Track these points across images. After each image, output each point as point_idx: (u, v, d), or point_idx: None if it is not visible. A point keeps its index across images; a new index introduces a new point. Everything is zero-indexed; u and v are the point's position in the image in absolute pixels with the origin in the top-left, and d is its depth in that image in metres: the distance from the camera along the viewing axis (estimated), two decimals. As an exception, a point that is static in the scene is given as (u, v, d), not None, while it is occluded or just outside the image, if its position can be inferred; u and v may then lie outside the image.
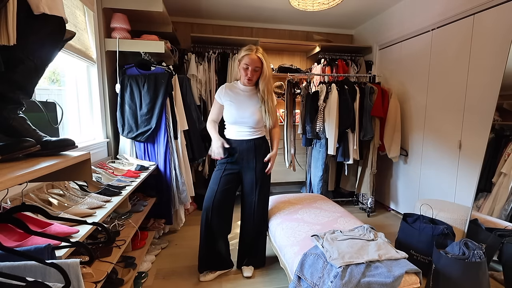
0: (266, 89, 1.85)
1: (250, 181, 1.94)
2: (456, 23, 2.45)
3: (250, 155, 1.90)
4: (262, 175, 1.94)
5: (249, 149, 1.90)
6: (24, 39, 0.72)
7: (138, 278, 1.88)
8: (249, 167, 1.92)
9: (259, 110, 1.87)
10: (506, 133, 1.97)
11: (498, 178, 1.97)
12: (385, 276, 1.34)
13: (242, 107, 1.87)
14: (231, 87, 1.93)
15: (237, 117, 1.87)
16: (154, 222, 2.41)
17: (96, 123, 2.32)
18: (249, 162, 1.91)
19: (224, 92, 1.92)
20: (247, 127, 1.89)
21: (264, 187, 1.97)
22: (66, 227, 1.04)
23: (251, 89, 1.91)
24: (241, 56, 1.82)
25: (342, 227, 1.83)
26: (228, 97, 1.90)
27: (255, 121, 1.87)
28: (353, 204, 3.53)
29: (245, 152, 1.90)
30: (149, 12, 2.45)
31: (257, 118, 1.86)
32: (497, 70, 2.05)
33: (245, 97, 1.89)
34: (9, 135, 0.78)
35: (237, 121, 1.88)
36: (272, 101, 1.91)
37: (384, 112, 3.07)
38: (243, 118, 1.86)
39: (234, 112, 1.87)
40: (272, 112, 1.89)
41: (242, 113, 1.86)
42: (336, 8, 2.51)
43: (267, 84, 1.85)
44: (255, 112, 1.86)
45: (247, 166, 1.92)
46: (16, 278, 0.64)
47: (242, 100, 1.88)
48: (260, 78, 1.85)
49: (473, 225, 1.98)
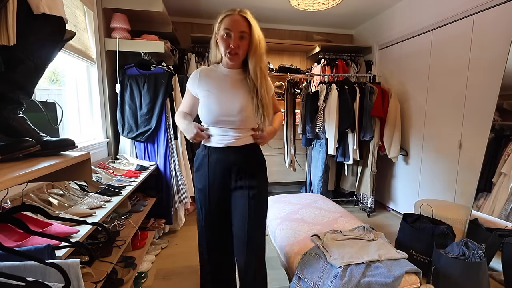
0: (258, 69, 1.25)
1: (241, 210, 1.32)
2: (456, 23, 2.45)
3: (240, 171, 1.31)
4: (257, 201, 1.32)
5: (237, 162, 1.30)
6: (24, 39, 0.72)
7: (138, 278, 1.88)
8: (239, 190, 1.32)
9: (250, 103, 1.27)
10: (506, 133, 1.97)
11: (498, 178, 1.97)
12: (385, 276, 1.34)
13: (226, 99, 1.27)
14: (209, 72, 1.33)
15: (219, 114, 1.26)
16: (154, 222, 2.41)
17: (96, 123, 2.32)
18: (237, 181, 1.31)
19: (198, 78, 1.31)
20: (233, 129, 1.29)
21: (258, 219, 1.35)
22: (66, 227, 1.04)
23: (238, 72, 1.31)
24: (219, 20, 1.23)
25: (342, 227, 1.83)
26: (205, 85, 1.29)
27: (245, 118, 1.26)
28: (353, 204, 3.53)
29: (232, 167, 1.30)
30: (149, 12, 2.45)
31: (248, 115, 1.27)
32: (497, 70, 2.05)
33: (229, 84, 1.29)
34: (9, 135, 0.78)
35: (218, 120, 1.27)
36: (268, 88, 1.31)
37: (384, 112, 3.07)
38: (227, 116, 1.26)
39: (214, 107, 1.26)
40: (267, 106, 1.28)
41: (225, 108, 1.25)
42: (336, 8, 2.51)
43: (259, 61, 1.25)
44: (244, 106, 1.26)
45: (235, 187, 1.32)
46: (16, 278, 0.64)
47: (225, 89, 1.28)
48: (249, 53, 1.24)
49: (473, 225, 1.98)
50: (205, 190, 1.34)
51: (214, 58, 1.35)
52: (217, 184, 1.32)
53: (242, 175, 1.31)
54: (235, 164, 1.30)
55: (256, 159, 1.38)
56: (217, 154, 1.30)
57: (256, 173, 1.35)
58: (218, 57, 1.33)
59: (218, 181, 1.32)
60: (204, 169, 1.33)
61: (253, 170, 1.35)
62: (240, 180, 1.31)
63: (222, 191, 1.33)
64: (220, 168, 1.31)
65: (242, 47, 1.23)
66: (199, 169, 1.36)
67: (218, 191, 1.33)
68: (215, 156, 1.31)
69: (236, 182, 1.32)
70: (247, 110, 1.26)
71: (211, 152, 1.31)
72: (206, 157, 1.33)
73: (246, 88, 1.29)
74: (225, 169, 1.30)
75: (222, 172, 1.31)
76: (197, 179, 1.38)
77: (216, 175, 1.31)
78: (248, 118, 1.27)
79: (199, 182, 1.36)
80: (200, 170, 1.36)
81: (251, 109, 1.27)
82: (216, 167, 1.31)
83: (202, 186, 1.34)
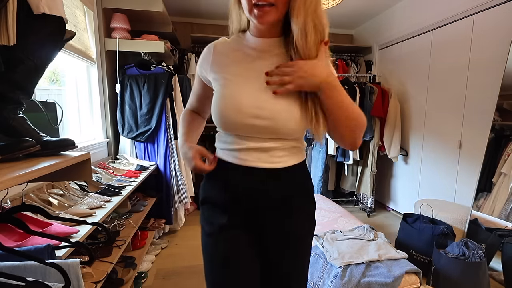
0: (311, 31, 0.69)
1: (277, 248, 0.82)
2: (456, 23, 2.45)
3: (276, 207, 0.79)
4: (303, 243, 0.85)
5: (271, 194, 0.78)
6: (24, 39, 0.72)
7: (138, 278, 1.88)
8: (275, 231, 0.81)
9: (296, 96, 0.73)
10: (506, 133, 1.97)
11: (498, 178, 1.97)
12: (385, 276, 1.34)
13: (259, 84, 0.73)
14: (230, 45, 0.82)
15: (243, 113, 0.72)
16: (154, 222, 2.41)
17: (96, 123, 2.32)
18: (274, 221, 0.80)
19: (212, 56, 0.81)
20: (267, 140, 0.75)
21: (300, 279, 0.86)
22: (66, 227, 1.04)
23: (276, 43, 0.77)
24: None
25: (342, 227, 1.83)
26: (222, 67, 0.79)
27: (284, 124, 0.73)
28: (353, 204, 3.53)
29: (262, 201, 0.78)
30: (149, 12, 2.45)
31: (290, 117, 0.73)
32: (497, 70, 2.05)
33: (261, 64, 0.76)
34: (9, 135, 0.78)
35: (243, 123, 0.73)
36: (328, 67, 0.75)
37: (384, 112, 3.07)
38: (256, 118, 0.72)
39: (237, 97, 0.73)
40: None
41: (254, 104, 0.72)
42: (336, 8, 2.51)
43: (313, 17, 0.69)
44: (290, 103, 0.73)
45: (270, 227, 0.81)
46: (16, 278, 0.64)
47: (258, 68, 0.75)
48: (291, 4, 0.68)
49: (473, 225, 1.98)
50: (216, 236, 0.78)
51: (238, 23, 0.81)
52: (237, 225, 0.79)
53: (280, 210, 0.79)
54: (267, 196, 0.77)
55: (305, 186, 0.85)
56: (239, 179, 0.77)
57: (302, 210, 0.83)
58: (243, 20, 0.80)
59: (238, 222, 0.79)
60: (216, 200, 0.81)
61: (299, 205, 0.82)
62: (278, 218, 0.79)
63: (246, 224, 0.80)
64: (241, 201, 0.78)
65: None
66: (208, 202, 0.83)
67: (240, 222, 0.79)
68: (236, 181, 0.78)
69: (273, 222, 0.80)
70: (290, 110, 0.72)
71: (228, 175, 0.79)
72: (220, 183, 0.80)
73: None
74: (252, 200, 0.78)
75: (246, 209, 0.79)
76: (204, 216, 0.83)
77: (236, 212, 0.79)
78: (290, 123, 0.72)
79: (208, 222, 0.81)
80: (209, 204, 0.82)
81: (297, 107, 0.72)
82: (234, 199, 0.79)
83: (213, 228, 0.79)
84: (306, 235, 0.86)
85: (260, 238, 0.82)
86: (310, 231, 0.87)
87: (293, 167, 0.79)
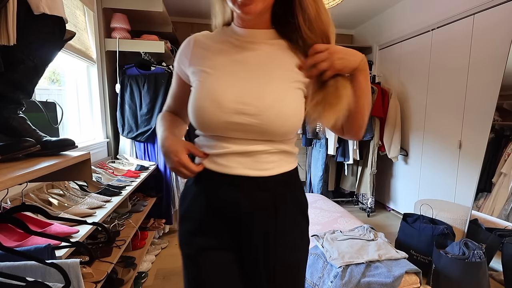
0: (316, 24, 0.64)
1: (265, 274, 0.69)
2: (456, 23, 2.45)
3: (263, 224, 0.68)
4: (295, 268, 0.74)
5: (258, 207, 0.67)
6: (24, 39, 0.72)
7: (138, 278, 1.88)
8: (263, 252, 0.69)
9: (295, 88, 0.66)
10: (506, 133, 1.97)
11: (498, 178, 1.97)
12: (385, 276, 1.34)
13: (244, 77, 0.65)
14: (212, 37, 0.73)
15: (224, 109, 0.63)
16: (154, 222, 2.41)
17: (96, 123, 2.32)
18: (261, 241, 0.68)
19: (192, 47, 0.71)
20: (252, 142, 0.65)
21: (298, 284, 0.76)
22: (66, 227, 1.04)
23: (264, 33, 0.69)
24: None
25: (342, 227, 1.83)
26: (203, 58, 0.69)
27: (282, 117, 0.63)
28: (353, 204, 3.53)
29: (247, 216, 0.67)
30: (149, 12, 2.45)
31: (293, 111, 0.65)
32: (497, 70, 2.05)
33: (249, 54, 0.68)
34: (9, 135, 0.78)
35: (223, 120, 0.63)
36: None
37: (384, 112, 3.07)
38: (240, 114, 0.63)
39: (218, 90, 0.64)
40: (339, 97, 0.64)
41: (238, 99, 0.63)
42: (336, 8, 2.51)
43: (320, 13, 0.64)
44: (284, 92, 0.65)
45: (256, 247, 0.68)
46: (16, 278, 0.64)
47: (243, 61, 0.67)
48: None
49: (473, 225, 1.98)
50: (196, 259, 0.69)
51: (222, 16, 0.73)
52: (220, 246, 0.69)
53: (268, 228, 0.68)
54: (255, 211, 0.67)
55: (298, 198, 0.73)
56: (221, 190, 0.67)
57: (294, 237, 0.72)
58: (227, 12, 0.72)
59: (221, 242, 0.69)
60: (197, 217, 0.69)
61: (289, 221, 0.70)
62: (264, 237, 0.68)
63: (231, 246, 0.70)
64: (224, 217, 0.68)
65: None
66: (187, 217, 0.72)
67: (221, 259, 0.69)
68: (217, 193, 0.67)
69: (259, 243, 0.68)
70: (281, 104, 0.63)
71: (208, 186, 0.69)
72: (199, 195, 0.70)
73: (288, 66, 0.67)
74: (239, 218, 0.67)
75: (229, 225, 0.68)
76: (184, 236, 0.72)
77: (218, 230, 0.69)
78: (280, 120, 0.63)
79: (186, 241, 0.71)
80: (188, 220, 0.71)
81: (291, 101, 0.65)
82: (221, 215, 0.68)
83: (192, 250, 0.70)
84: (299, 259, 0.74)
85: (246, 260, 0.69)
86: (303, 252, 0.75)
87: (283, 175, 0.68)
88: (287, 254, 0.71)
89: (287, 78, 0.66)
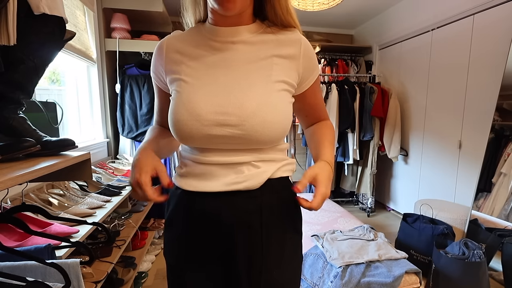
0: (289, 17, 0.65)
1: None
2: (456, 23, 2.45)
3: (246, 237, 0.63)
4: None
5: (243, 219, 0.62)
6: (24, 39, 0.72)
7: (138, 278, 1.88)
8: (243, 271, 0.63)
9: (279, 90, 0.62)
10: (506, 133, 1.97)
11: (498, 178, 1.97)
12: (385, 276, 1.34)
13: (223, 84, 0.61)
14: (184, 39, 0.67)
15: (203, 121, 0.59)
16: (154, 222, 2.41)
17: (96, 123, 2.32)
18: (244, 256, 0.63)
19: (165, 53, 0.66)
20: (234, 152, 0.62)
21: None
22: (66, 227, 1.04)
23: (245, 29, 0.64)
24: None
25: (342, 227, 1.83)
26: (178, 64, 0.64)
27: (267, 125, 0.59)
28: (353, 204, 3.53)
29: (231, 229, 0.62)
30: (149, 12, 2.45)
31: (277, 117, 0.60)
32: (497, 70, 2.05)
33: (230, 54, 0.63)
34: (9, 135, 0.78)
35: (202, 133, 0.60)
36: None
37: (384, 112, 3.07)
38: (221, 126, 0.59)
39: (196, 102, 0.60)
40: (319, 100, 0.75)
41: (218, 109, 0.59)
42: (336, 8, 2.51)
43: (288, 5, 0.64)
44: (266, 97, 0.60)
45: (236, 266, 0.63)
46: (16, 278, 0.64)
47: (221, 65, 0.62)
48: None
49: (473, 225, 1.98)
50: (178, 270, 0.68)
51: (193, 11, 0.68)
52: (204, 260, 0.65)
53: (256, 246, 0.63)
54: (241, 225, 0.63)
55: (292, 209, 0.69)
56: (206, 202, 0.63)
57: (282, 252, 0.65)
58: (201, 7, 0.66)
59: (205, 255, 0.65)
60: (180, 226, 0.67)
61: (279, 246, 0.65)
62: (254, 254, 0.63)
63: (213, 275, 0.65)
64: (210, 229, 0.64)
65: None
66: (171, 225, 0.69)
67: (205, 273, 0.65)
68: (202, 205, 0.64)
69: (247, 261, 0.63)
70: (265, 110, 0.59)
71: (191, 196, 0.64)
72: (183, 205, 0.66)
73: (267, 66, 0.62)
74: (220, 236, 0.63)
75: (215, 239, 0.64)
76: (167, 245, 0.70)
77: (203, 243, 0.65)
78: (265, 127, 0.59)
79: (170, 250, 0.69)
80: (172, 228, 0.69)
81: (278, 109, 0.61)
82: (202, 226, 0.64)
83: (174, 260, 0.69)
84: (288, 279, 0.67)
85: (230, 275, 0.64)
86: (292, 271, 0.68)
87: (271, 181, 0.64)
88: (273, 274, 0.64)
89: (270, 80, 0.61)
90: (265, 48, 0.63)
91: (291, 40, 0.64)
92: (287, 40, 0.64)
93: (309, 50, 0.66)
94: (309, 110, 0.75)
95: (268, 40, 0.64)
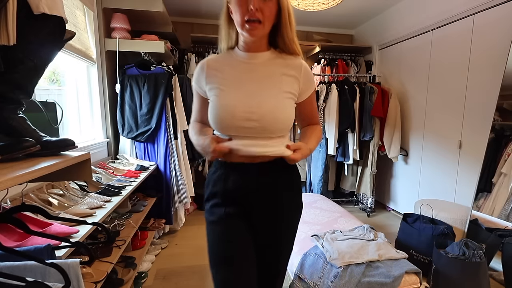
0: (294, 46, 0.93)
1: (265, 243, 0.97)
2: (456, 23, 2.45)
3: (267, 198, 0.94)
4: (287, 237, 1.01)
5: (263, 185, 0.93)
6: (24, 39, 0.72)
7: (138, 278, 1.88)
8: (266, 221, 0.96)
9: (286, 98, 0.91)
10: (506, 133, 1.97)
11: (498, 178, 1.97)
12: (385, 276, 1.34)
13: (248, 92, 0.90)
14: (220, 60, 0.97)
15: (237, 118, 0.87)
16: (154, 222, 2.41)
17: (96, 123, 2.32)
18: (264, 212, 0.95)
19: (206, 70, 0.95)
20: (258, 137, 0.89)
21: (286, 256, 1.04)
22: (66, 227, 1.04)
23: (262, 55, 0.94)
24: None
25: (342, 227, 1.83)
26: (216, 77, 0.93)
27: (277, 121, 0.89)
28: (353, 204, 3.53)
29: (255, 192, 0.93)
30: (149, 12, 2.45)
31: (284, 116, 0.90)
32: (497, 70, 2.05)
33: (251, 73, 0.92)
34: (9, 135, 0.78)
35: (236, 125, 0.88)
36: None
37: (384, 112, 3.07)
38: (247, 120, 0.87)
39: (231, 104, 0.88)
40: (314, 108, 1.06)
41: (247, 104, 0.88)
42: (336, 8, 2.51)
43: (294, 37, 0.93)
44: (277, 102, 0.89)
45: (260, 218, 0.96)
46: (16, 278, 0.64)
47: (246, 78, 0.91)
48: (278, 24, 0.90)
49: (473, 225, 1.98)
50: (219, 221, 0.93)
51: (226, 41, 0.96)
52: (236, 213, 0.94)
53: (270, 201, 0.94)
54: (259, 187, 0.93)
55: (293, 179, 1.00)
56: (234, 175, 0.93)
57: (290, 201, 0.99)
58: (232, 38, 0.94)
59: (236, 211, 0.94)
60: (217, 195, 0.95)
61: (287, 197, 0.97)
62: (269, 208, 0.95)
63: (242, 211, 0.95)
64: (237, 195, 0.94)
65: (267, 11, 0.84)
66: (210, 196, 0.97)
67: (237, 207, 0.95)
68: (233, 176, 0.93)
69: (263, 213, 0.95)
70: (282, 109, 0.89)
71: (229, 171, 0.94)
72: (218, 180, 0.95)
73: (278, 77, 0.92)
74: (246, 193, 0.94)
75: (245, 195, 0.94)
76: (208, 209, 0.97)
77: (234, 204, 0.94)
78: (275, 122, 0.88)
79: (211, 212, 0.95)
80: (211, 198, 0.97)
81: (288, 107, 0.92)
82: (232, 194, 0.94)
83: (215, 217, 0.94)
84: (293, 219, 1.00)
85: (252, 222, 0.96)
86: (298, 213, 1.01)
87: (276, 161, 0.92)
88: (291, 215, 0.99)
89: (280, 90, 0.90)
90: (277, 68, 0.93)
91: (295, 64, 0.94)
92: (292, 64, 0.94)
93: (308, 72, 0.96)
94: (306, 114, 1.04)
95: (279, 63, 0.93)
